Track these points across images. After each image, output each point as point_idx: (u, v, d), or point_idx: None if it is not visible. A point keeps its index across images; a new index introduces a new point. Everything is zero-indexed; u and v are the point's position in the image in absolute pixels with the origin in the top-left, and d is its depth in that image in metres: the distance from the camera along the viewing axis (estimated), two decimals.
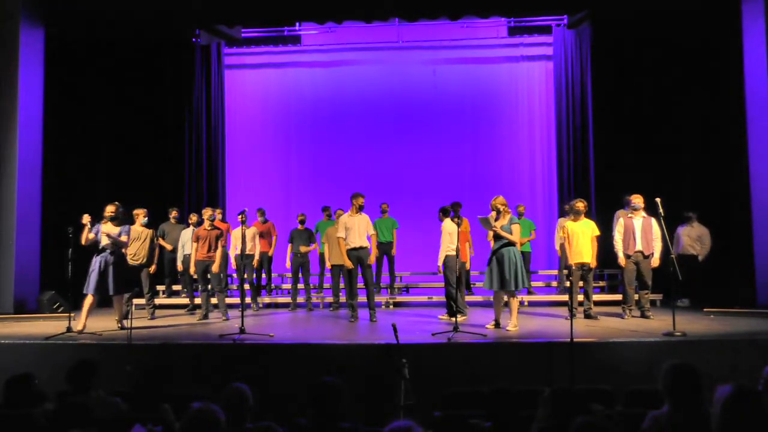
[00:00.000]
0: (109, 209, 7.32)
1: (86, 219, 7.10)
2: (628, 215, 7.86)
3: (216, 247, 8.34)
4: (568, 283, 8.14)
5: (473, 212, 9.82)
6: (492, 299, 7.58)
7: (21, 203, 8.91)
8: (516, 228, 6.93)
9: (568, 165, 11.20)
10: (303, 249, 9.40)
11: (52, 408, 3.03)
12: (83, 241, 7.13)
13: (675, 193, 9.32)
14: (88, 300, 7.08)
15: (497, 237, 6.96)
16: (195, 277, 9.04)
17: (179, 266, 9.46)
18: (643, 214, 7.80)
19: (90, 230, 7.11)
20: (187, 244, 9.21)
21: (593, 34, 11.02)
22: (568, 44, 11.37)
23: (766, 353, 5.63)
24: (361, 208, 7.88)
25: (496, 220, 7.02)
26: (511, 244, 6.88)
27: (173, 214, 9.93)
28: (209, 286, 8.46)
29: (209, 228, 8.38)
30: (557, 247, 9.91)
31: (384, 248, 9.96)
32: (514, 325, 6.82)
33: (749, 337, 6.16)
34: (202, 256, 8.32)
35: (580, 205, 7.95)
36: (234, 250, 8.98)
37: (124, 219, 7.47)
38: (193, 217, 9.49)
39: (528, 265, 10.01)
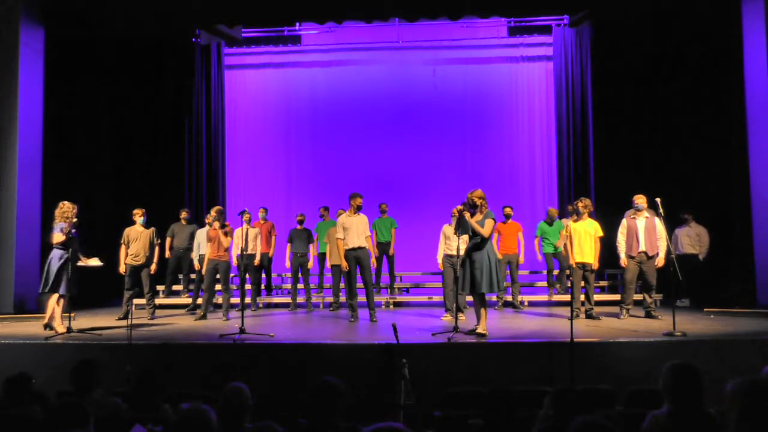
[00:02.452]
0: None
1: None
2: (631, 216, 7.84)
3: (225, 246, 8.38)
4: (568, 284, 8.13)
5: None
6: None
7: (21, 203, 8.91)
8: (489, 223, 6.50)
9: (568, 165, 11.21)
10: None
11: (50, 408, 3.02)
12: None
13: (675, 193, 9.32)
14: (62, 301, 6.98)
15: (471, 236, 6.57)
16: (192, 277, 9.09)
17: (197, 265, 9.41)
18: (646, 214, 7.77)
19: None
20: (203, 243, 9.21)
21: (593, 34, 11.03)
22: (568, 44, 11.37)
23: (766, 353, 5.64)
24: (359, 209, 7.89)
25: (472, 216, 6.59)
26: (484, 243, 6.49)
27: (183, 214, 9.93)
28: (217, 286, 8.47)
29: (218, 228, 8.40)
30: (561, 248, 9.86)
31: (382, 248, 9.99)
32: (483, 328, 6.36)
33: (749, 337, 6.15)
34: (213, 256, 8.35)
35: (580, 204, 7.96)
36: (236, 250, 8.98)
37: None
38: (210, 218, 9.46)
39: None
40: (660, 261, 7.67)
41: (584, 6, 10.63)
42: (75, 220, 7.10)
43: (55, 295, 6.89)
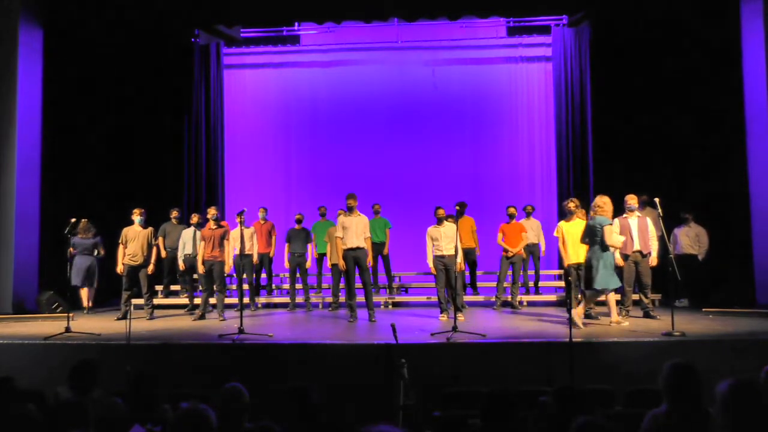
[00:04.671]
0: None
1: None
2: (624, 216, 7.86)
3: (221, 246, 8.32)
4: (564, 283, 8.13)
5: (472, 212, 9.84)
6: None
7: (20, 202, 8.90)
8: (607, 230, 7.00)
9: (567, 165, 11.22)
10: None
11: (50, 408, 3.02)
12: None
13: (674, 193, 9.33)
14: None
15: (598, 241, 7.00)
16: (195, 276, 9.07)
17: (181, 265, 9.36)
18: (638, 213, 7.80)
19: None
20: (188, 243, 9.18)
21: (592, 33, 11.03)
22: (567, 44, 11.38)
23: (765, 353, 5.64)
24: (350, 209, 7.91)
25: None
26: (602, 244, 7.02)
27: (174, 214, 9.90)
28: (214, 286, 8.44)
29: (214, 227, 8.36)
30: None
31: (377, 248, 9.96)
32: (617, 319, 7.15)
33: (748, 337, 6.16)
34: (208, 256, 8.31)
35: (571, 204, 7.94)
36: (232, 250, 8.96)
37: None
38: (195, 218, 9.42)
39: None
40: (653, 260, 7.70)
41: (583, 6, 10.63)
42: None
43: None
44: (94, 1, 9.65)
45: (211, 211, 8.48)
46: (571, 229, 7.81)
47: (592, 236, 7.02)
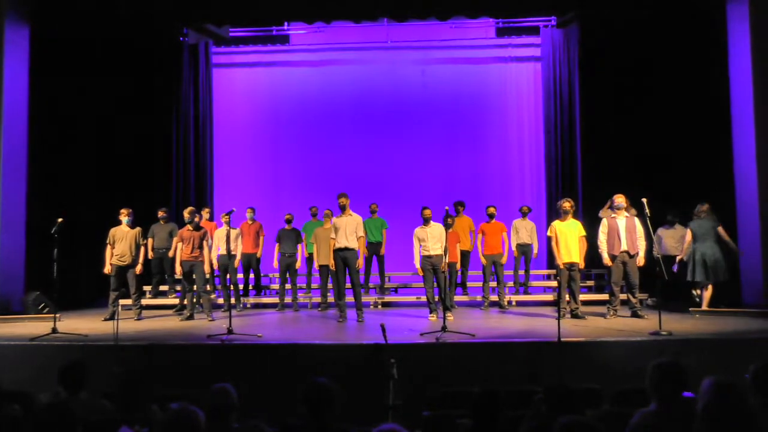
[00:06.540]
0: None
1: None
2: (612, 215, 7.89)
3: (200, 247, 8.26)
4: (556, 283, 8.16)
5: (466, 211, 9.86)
6: None
7: (5, 202, 8.82)
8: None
9: (556, 165, 11.28)
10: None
11: (37, 410, 2.99)
12: None
13: (663, 194, 9.38)
14: None
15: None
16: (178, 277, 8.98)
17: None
18: (626, 213, 7.83)
19: None
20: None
21: (581, 34, 11.07)
22: (557, 45, 11.44)
23: (751, 352, 5.70)
24: (342, 208, 7.91)
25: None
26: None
27: (160, 213, 9.80)
28: (195, 287, 8.39)
29: (192, 228, 8.31)
30: (514, 248, 9.76)
31: (373, 248, 9.96)
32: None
33: (734, 336, 6.22)
34: (187, 257, 8.25)
35: (567, 204, 7.98)
36: (216, 251, 8.91)
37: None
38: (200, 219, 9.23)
39: None
40: (640, 260, 7.74)
41: (572, 7, 10.69)
42: None
43: None
44: (81, 1, 9.56)
45: (187, 214, 8.41)
46: (565, 229, 7.84)
47: (712, 234, 8.17)
